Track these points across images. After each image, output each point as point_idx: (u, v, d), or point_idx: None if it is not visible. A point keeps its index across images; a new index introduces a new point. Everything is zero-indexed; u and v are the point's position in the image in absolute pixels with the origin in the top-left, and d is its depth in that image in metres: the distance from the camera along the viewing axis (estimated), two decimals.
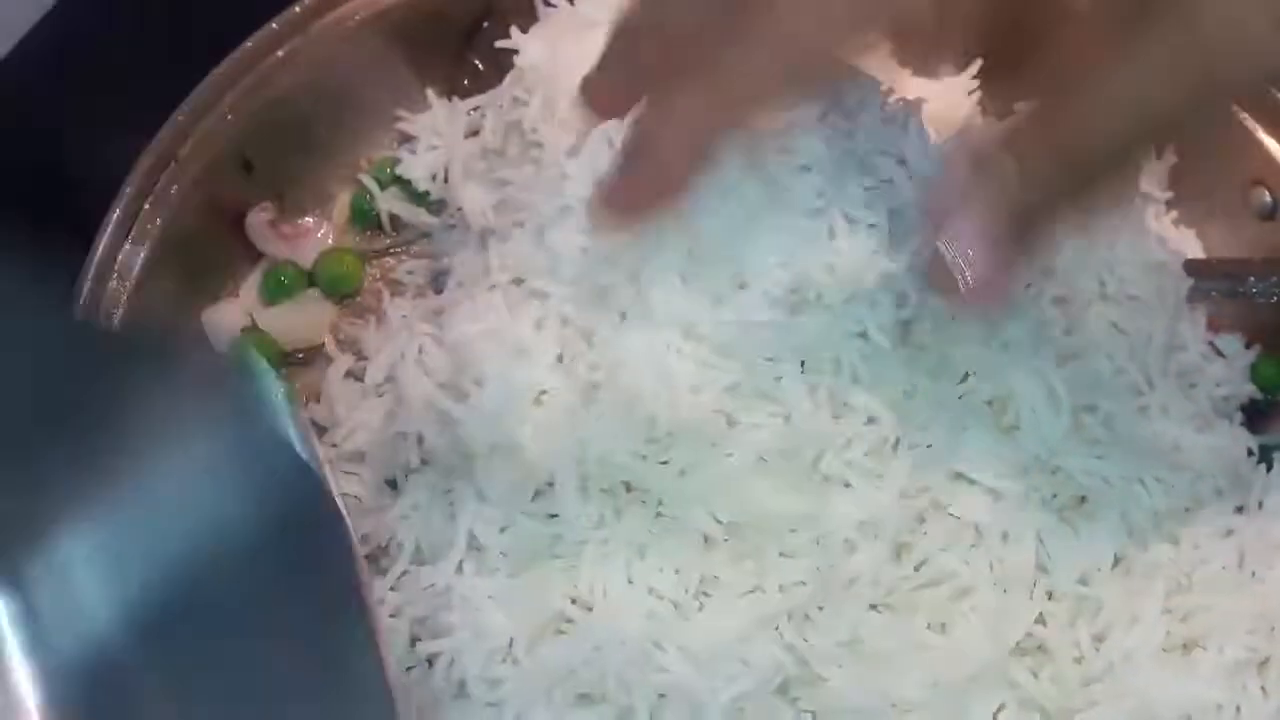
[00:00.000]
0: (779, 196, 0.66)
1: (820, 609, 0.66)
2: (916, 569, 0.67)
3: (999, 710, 0.66)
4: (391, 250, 0.83)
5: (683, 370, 0.64)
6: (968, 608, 0.66)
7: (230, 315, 0.80)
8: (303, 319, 0.80)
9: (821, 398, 0.66)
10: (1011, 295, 0.66)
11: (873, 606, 0.66)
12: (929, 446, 0.67)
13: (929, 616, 0.66)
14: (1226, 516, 0.71)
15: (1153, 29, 0.53)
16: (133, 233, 0.76)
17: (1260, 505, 0.72)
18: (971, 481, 0.67)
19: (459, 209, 0.77)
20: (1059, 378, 0.68)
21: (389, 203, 0.82)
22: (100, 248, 0.75)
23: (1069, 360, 0.70)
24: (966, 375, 0.69)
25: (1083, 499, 0.69)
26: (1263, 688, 0.67)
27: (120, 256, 0.76)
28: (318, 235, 0.83)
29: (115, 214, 0.76)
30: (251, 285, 0.81)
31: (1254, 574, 0.69)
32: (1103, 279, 0.73)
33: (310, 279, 0.81)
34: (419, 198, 0.82)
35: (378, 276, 0.82)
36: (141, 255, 0.76)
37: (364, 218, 0.83)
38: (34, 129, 0.88)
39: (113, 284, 0.75)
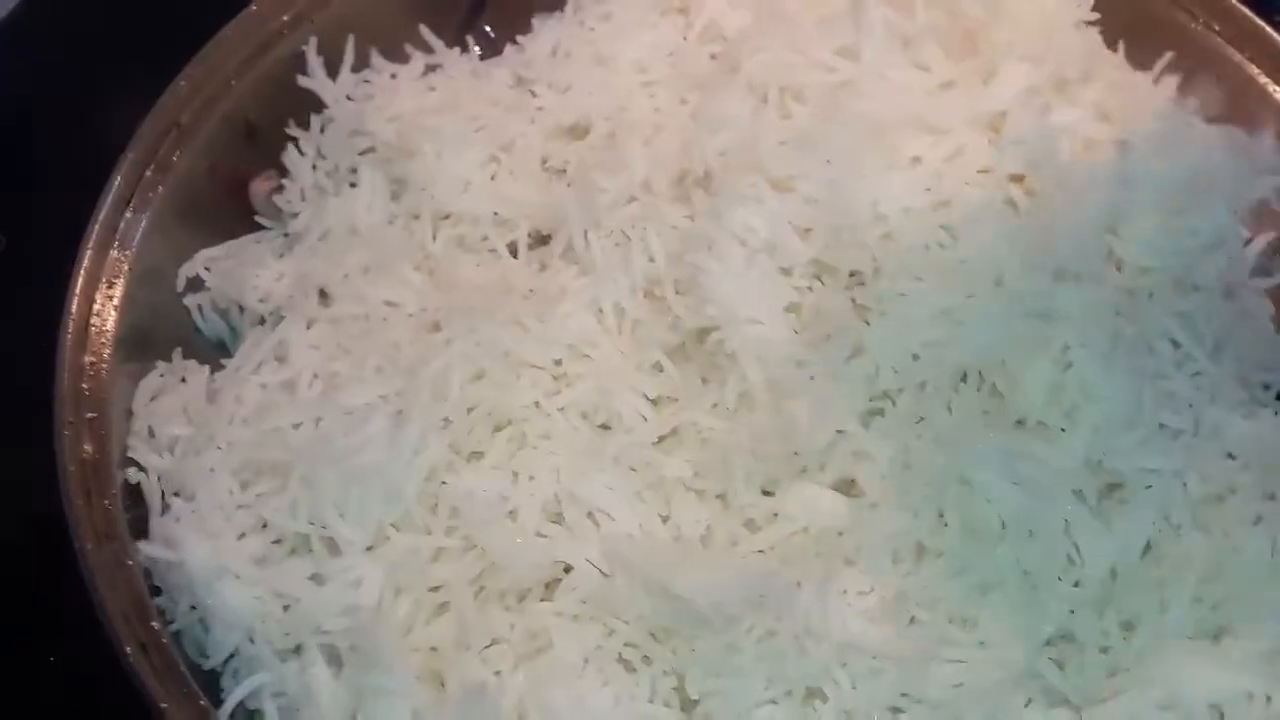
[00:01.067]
0: None
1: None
2: (936, 561, 0.66)
3: (1026, 705, 0.65)
4: None
5: None
6: (995, 603, 0.65)
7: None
8: None
9: None
10: None
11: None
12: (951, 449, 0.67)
13: (952, 611, 0.65)
14: (1256, 503, 0.69)
15: None
16: (134, 201, 0.74)
17: None
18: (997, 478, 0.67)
19: None
20: (1148, 392, 0.69)
21: None
22: (101, 216, 0.73)
23: (1137, 349, 0.70)
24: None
25: (1114, 487, 0.68)
26: None
27: (121, 225, 0.74)
28: None
29: (116, 182, 0.74)
30: None
31: None
32: (1172, 265, 0.73)
33: None
34: None
35: None
36: (143, 224, 0.74)
37: None
38: (36, 93, 0.86)
39: (113, 253, 0.73)
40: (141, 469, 0.70)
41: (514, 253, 0.75)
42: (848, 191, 0.71)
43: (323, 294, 0.74)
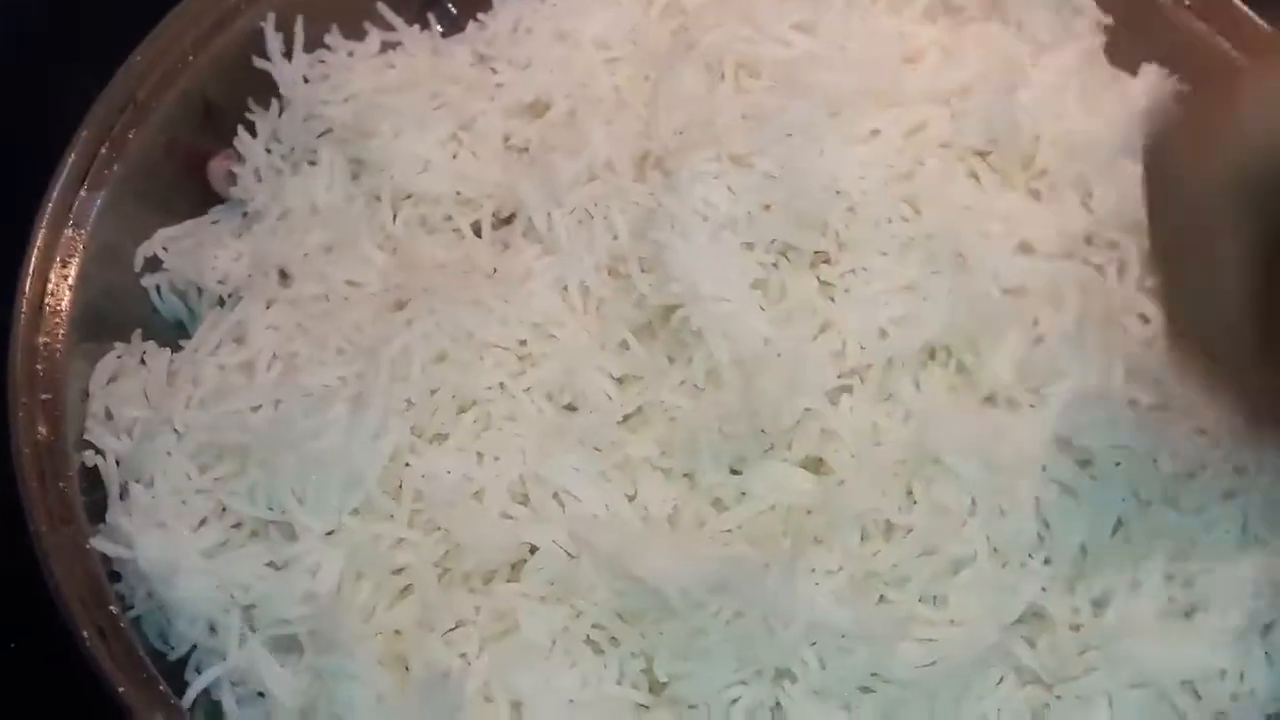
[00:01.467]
0: None
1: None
2: (906, 537, 0.66)
3: (997, 684, 0.64)
4: None
5: None
6: (965, 581, 0.65)
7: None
8: None
9: None
10: None
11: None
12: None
13: (922, 590, 0.65)
14: (1227, 479, 0.68)
15: None
16: (89, 179, 0.73)
17: (1261, 466, 0.69)
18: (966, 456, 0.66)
19: None
20: (1118, 368, 0.68)
21: None
22: (55, 193, 0.72)
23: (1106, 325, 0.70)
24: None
25: (1084, 464, 0.67)
26: (1267, 653, 0.66)
27: (76, 203, 0.72)
28: None
29: (70, 159, 0.73)
30: None
31: (1257, 537, 0.67)
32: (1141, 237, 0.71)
33: None
34: None
35: None
36: (98, 202, 0.73)
37: None
38: None
39: (68, 232, 0.72)
40: (99, 452, 0.69)
41: (478, 232, 0.74)
42: (807, 165, 0.70)
43: (282, 274, 0.73)
